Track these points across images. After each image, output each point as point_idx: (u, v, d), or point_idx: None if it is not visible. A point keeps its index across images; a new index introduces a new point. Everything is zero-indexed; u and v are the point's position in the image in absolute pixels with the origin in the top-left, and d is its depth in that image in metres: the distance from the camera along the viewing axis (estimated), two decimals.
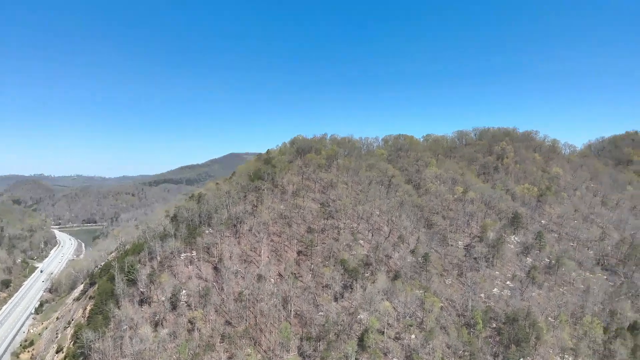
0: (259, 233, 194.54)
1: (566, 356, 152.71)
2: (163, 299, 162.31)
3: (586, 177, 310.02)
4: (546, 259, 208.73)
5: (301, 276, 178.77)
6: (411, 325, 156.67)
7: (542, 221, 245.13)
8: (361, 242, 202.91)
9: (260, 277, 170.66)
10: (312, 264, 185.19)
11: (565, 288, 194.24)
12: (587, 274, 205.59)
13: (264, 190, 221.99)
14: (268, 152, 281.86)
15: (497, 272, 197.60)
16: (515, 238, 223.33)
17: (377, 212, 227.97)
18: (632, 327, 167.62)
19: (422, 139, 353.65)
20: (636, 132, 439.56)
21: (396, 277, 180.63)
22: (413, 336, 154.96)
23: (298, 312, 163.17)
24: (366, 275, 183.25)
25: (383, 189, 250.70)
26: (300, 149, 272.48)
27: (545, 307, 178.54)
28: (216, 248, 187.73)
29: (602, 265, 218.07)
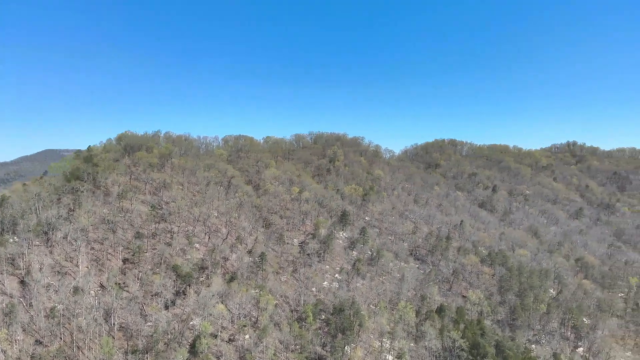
0: (76, 241, 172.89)
1: (384, 339, 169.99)
2: None
3: (402, 179, 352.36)
4: (369, 252, 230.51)
5: (127, 286, 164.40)
6: (245, 326, 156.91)
7: (366, 218, 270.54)
8: (197, 245, 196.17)
9: (77, 290, 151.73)
10: (140, 271, 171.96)
11: (384, 277, 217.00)
12: (402, 263, 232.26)
13: (82, 192, 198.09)
14: (89, 148, 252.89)
15: (327, 266, 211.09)
16: (344, 234, 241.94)
17: (215, 214, 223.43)
18: (439, 310, 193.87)
19: (262, 141, 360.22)
20: (443, 140, 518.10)
21: (232, 278, 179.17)
22: (247, 336, 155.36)
23: (123, 325, 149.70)
24: (201, 279, 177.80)
25: (222, 189, 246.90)
26: (129, 147, 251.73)
27: (368, 295, 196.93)
28: (23, 259, 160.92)
29: (414, 255, 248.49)
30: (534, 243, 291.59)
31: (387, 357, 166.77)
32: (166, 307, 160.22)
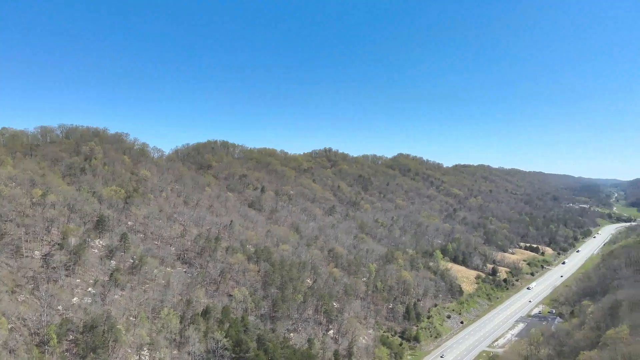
0: None
1: (144, 352, 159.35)
2: None
3: (172, 180, 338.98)
4: (130, 260, 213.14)
5: None
6: None
7: (129, 222, 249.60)
8: None
9: None
10: None
11: (147, 286, 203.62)
12: (169, 269, 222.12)
13: None
14: None
15: (78, 280, 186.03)
16: (100, 242, 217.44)
17: None
18: (205, 312, 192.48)
19: None
20: (215, 142, 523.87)
21: None
22: None
23: None
24: None
25: None
26: None
27: (128, 307, 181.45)
28: None
29: (182, 259, 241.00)
30: (296, 238, 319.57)
31: None
32: None
